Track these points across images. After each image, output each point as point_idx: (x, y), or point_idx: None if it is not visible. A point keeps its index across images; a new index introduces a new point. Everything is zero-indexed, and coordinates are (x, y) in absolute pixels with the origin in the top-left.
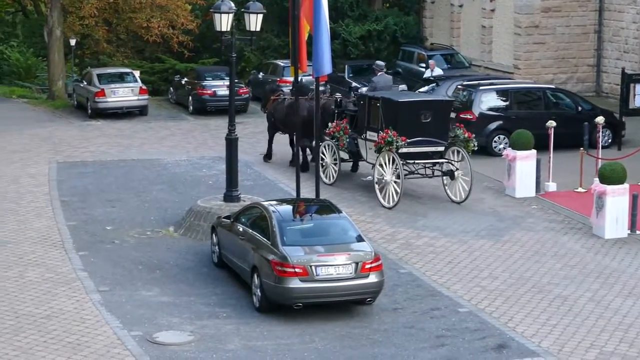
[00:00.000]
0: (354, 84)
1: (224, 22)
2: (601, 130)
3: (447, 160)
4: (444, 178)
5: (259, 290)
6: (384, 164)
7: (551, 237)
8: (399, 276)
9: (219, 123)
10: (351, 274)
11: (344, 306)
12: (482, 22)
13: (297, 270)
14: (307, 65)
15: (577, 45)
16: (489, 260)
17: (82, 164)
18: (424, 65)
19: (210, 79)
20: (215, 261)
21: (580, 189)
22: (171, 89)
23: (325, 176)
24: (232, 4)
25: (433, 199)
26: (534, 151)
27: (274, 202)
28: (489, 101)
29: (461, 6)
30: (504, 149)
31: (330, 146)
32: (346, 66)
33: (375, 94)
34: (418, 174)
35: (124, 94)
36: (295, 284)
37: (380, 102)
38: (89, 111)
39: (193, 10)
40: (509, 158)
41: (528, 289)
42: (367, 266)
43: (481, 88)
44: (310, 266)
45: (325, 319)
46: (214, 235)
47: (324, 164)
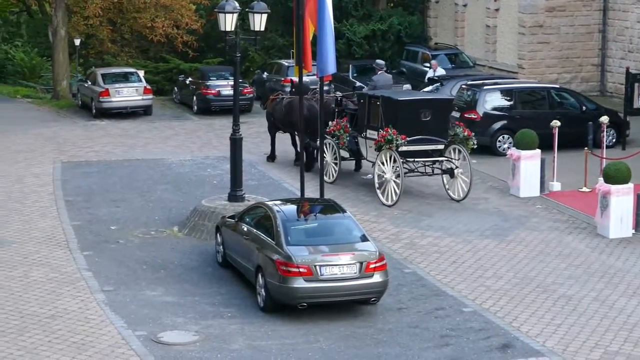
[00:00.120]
0: (358, 83)
1: (228, 21)
2: (605, 130)
3: (446, 159)
4: (444, 176)
5: (263, 290)
6: (384, 162)
7: (555, 236)
8: (403, 276)
9: (223, 123)
10: (355, 273)
11: (348, 306)
12: (486, 22)
13: (301, 270)
14: (312, 65)
15: (581, 45)
16: (493, 259)
17: (86, 164)
18: (428, 65)
19: (215, 78)
20: (219, 261)
21: (584, 189)
22: (175, 88)
23: (326, 174)
24: (237, 4)
25: (438, 199)
26: (538, 151)
27: (278, 202)
28: (493, 101)
29: (465, 6)
30: (508, 148)
31: (330, 145)
32: (350, 66)
33: (376, 92)
34: (418, 172)
35: (128, 94)
36: (300, 283)
37: (380, 100)
38: (94, 111)
39: (197, 10)
40: (513, 158)
41: (532, 289)
42: (372, 266)
43: (485, 88)
44: (315, 266)
45: (330, 318)
46: (218, 235)
47: (325, 162)
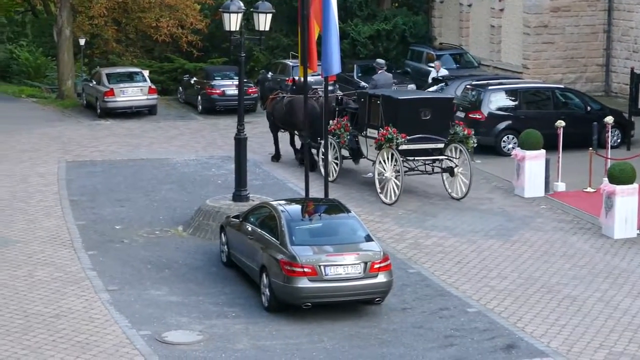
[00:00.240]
0: (362, 83)
1: (233, 21)
2: (610, 130)
3: (446, 157)
4: (444, 175)
5: (267, 290)
6: (384, 160)
7: (560, 237)
8: (407, 276)
9: (228, 122)
10: (360, 273)
11: (352, 306)
12: (491, 22)
13: (305, 269)
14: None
15: (586, 45)
16: (498, 260)
17: (91, 164)
18: (432, 65)
19: (219, 78)
20: (224, 261)
21: (589, 189)
22: (180, 88)
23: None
24: (241, 4)
25: (442, 199)
26: (543, 151)
27: (283, 202)
28: (498, 101)
29: (470, 6)
30: (513, 148)
31: (331, 143)
32: (355, 66)
33: (376, 91)
34: (418, 170)
35: (133, 94)
36: (304, 283)
37: (380, 99)
38: (98, 110)
39: (202, 9)
40: (518, 158)
41: (537, 289)
42: (376, 266)
43: (490, 88)
44: (319, 266)
45: (334, 318)
46: (222, 235)
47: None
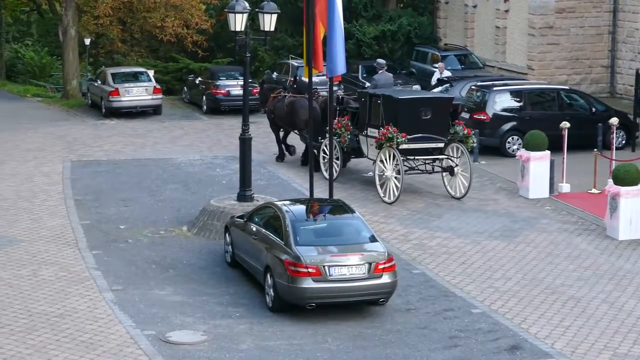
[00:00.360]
0: (367, 84)
1: (238, 22)
2: (615, 132)
3: (446, 157)
4: (444, 174)
5: (272, 290)
6: (384, 160)
7: (565, 238)
8: (412, 277)
9: (233, 122)
10: (364, 274)
11: (356, 306)
12: (496, 23)
13: (310, 270)
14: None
15: (591, 46)
16: (502, 261)
17: (96, 163)
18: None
19: (224, 78)
20: (228, 261)
21: (594, 190)
22: (185, 88)
23: (327, 172)
24: (247, 4)
25: (446, 200)
26: (547, 152)
27: (287, 202)
28: (502, 102)
29: (475, 7)
30: (518, 149)
31: None
32: (360, 66)
33: (376, 91)
34: (418, 170)
35: (138, 93)
36: (308, 284)
37: (381, 99)
38: (103, 110)
39: (207, 9)
40: (522, 159)
41: (541, 290)
42: (380, 266)
43: (495, 89)
44: (324, 266)
45: (338, 319)
46: (227, 235)
47: (325, 160)
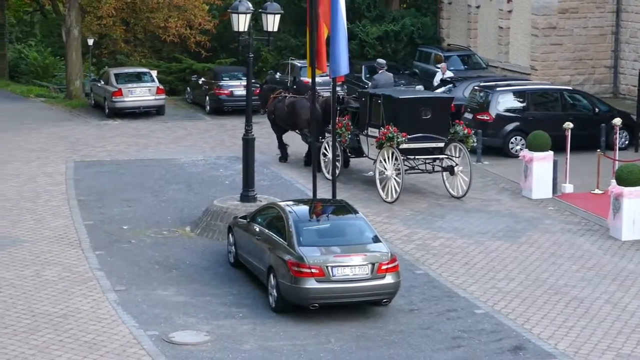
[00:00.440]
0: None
1: (241, 22)
2: (618, 132)
3: (447, 156)
4: (444, 173)
5: (275, 291)
6: (385, 159)
7: (568, 238)
8: (415, 277)
9: (236, 123)
10: (367, 274)
11: (360, 307)
12: (499, 23)
13: (313, 270)
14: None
15: (594, 47)
16: (505, 261)
17: (99, 164)
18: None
19: (227, 79)
20: (231, 261)
21: (597, 191)
22: (188, 88)
23: (327, 172)
24: (250, 5)
25: (450, 200)
26: (550, 152)
27: (291, 203)
28: (505, 102)
29: (478, 7)
30: (521, 150)
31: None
32: (363, 67)
33: (377, 91)
34: (418, 169)
35: (141, 94)
36: (312, 284)
37: (381, 99)
38: (106, 111)
39: (210, 10)
40: (525, 159)
41: (544, 291)
42: (384, 267)
43: (498, 89)
44: (327, 267)
45: (341, 319)
46: (230, 235)
47: (326, 159)
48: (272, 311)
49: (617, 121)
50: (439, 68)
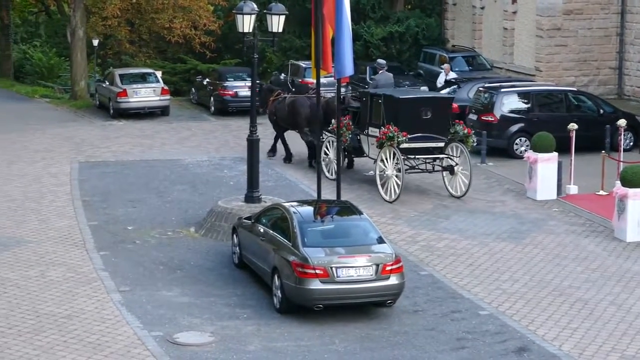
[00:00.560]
0: None
1: (246, 23)
2: (623, 133)
3: (447, 156)
4: (444, 173)
5: (279, 292)
6: (385, 159)
7: (572, 240)
8: (419, 278)
9: (241, 124)
10: (372, 275)
11: (364, 308)
12: (503, 24)
13: (317, 271)
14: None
15: (599, 48)
16: (509, 262)
17: (103, 164)
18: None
19: (232, 79)
20: (235, 262)
21: (601, 192)
22: (193, 89)
23: (328, 171)
24: (255, 5)
25: (454, 201)
26: (555, 154)
27: (295, 203)
28: (510, 103)
29: (483, 8)
30: (526, 151)
31: (333, 142)
32: (367, 67)
33: (377, 91)
34: (419, 169)
35: (146, 94)
36: (316, 285)
37: (381, 99)
38: (111, 111)
39: (215, 11)
40: (530, 160)
41: (549, 292)
42: (388, 268)
43: (503, 90)
44: (331, 267)
45: (346, 320)
46: (234, 236)
47: (327, 159)
48: (276, 312)
49: (622, 122)
50: (442, 69)
